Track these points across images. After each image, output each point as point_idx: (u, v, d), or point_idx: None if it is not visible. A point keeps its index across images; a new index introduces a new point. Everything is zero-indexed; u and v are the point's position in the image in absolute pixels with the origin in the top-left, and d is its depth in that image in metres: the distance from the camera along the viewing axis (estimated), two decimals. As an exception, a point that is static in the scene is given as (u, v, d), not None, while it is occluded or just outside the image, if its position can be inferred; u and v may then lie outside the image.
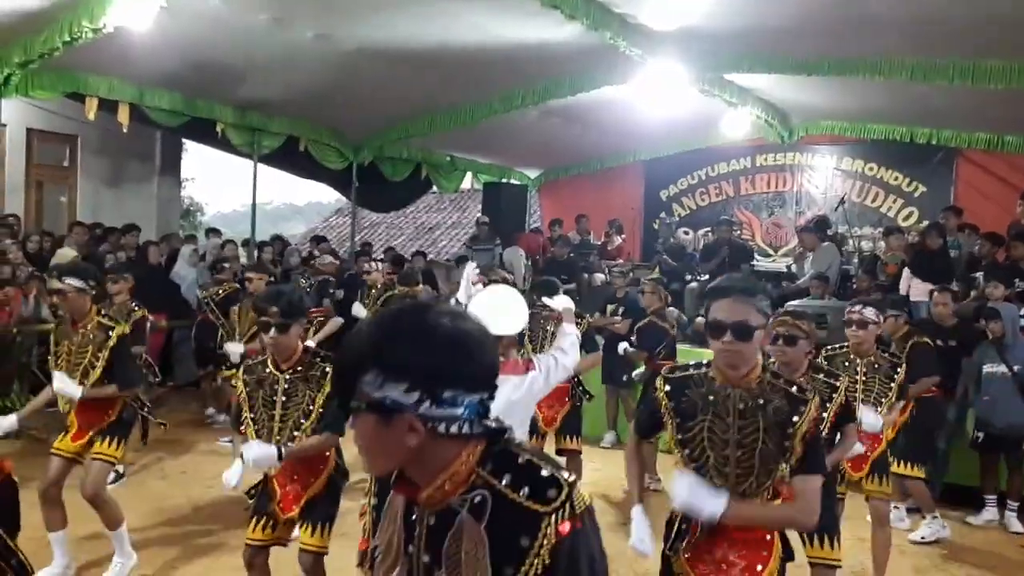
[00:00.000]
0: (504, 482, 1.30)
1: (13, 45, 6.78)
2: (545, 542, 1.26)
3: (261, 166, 10.14)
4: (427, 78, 8.21)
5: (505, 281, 7.09)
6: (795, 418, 2.33)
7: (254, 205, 10.28)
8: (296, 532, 3.49)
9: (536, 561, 1.26)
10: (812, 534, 3.40)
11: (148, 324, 5.95)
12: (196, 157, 17.17)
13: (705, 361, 2.49)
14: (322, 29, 7.07)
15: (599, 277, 9.81)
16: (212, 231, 10.75)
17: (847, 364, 4.32)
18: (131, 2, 5.79)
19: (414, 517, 1.37)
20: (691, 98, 8.36)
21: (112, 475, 5.85)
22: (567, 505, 1.28)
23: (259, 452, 3.24)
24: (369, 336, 1.31)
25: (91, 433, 4.19)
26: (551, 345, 5.16)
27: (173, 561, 4.53)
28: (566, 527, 1.27)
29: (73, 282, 4.09)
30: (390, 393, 1.25)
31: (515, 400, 3.02)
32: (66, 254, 7.95)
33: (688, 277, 9.35)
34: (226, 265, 7.61)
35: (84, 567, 4.31)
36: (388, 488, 1.42)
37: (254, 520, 3.41)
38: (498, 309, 2.95)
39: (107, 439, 4.20)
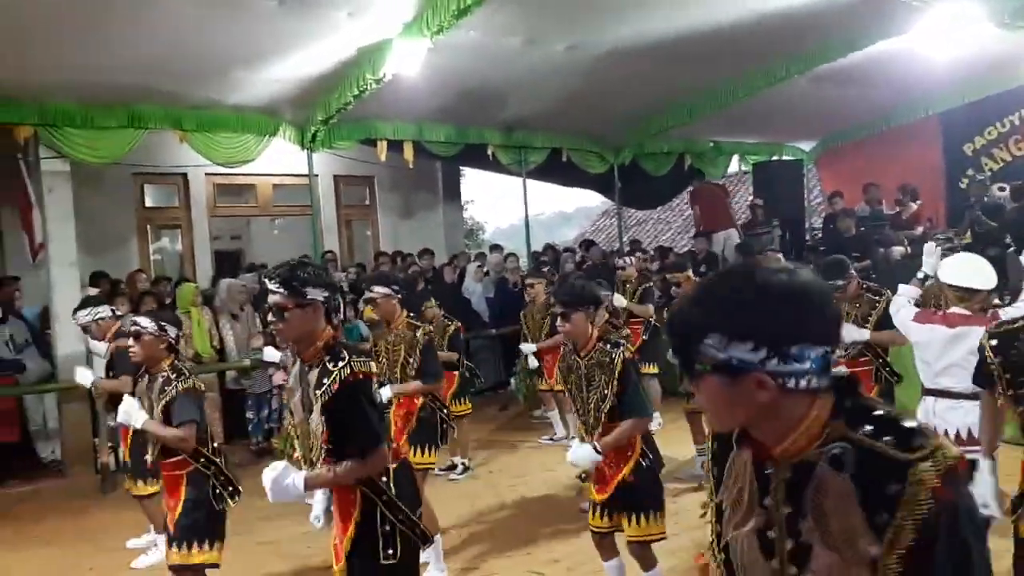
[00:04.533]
0: (863, 432, 1.25)
1: (315, 106, 7.85)
2: (918, 490, 1.18)
3: (530, 180, 10.63)
4: (680, 67, 8.02)
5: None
6: None
7: (527, 218, 10.79)
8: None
9: (909, 510, 1.19)
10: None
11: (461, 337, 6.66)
12: (472, 181, 18.46)
13: None
14: (572, 41, 7.24)
15: (897, 250, 8.84)
16: (494, 247, 11.47)
17: None
18: (404, 50, 6.40)
19: (766, 472, 1.35)
20: (987, 36, 7.25)
21: (460, 467, 6.65)
22: (936, 454, 1.20)
23: (579, 454, 3.44)
24: (706, 299, 1.31)
25: (404, 437, 4.64)
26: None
27: (487, 556, 4.82)
28: (939, 480, 1.18)
29: (380, 289, 4.73)
30: (735, 353, 1.25)
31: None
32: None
33: (1008, 240, 8.07)
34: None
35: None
36: (726, 448, 1.43)
37: (592, 508, 3.67)
38: (973, 268, 3.65)
39: (417, 449, 4.64)
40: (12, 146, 7.16)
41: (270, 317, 2.67)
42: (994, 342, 2.43)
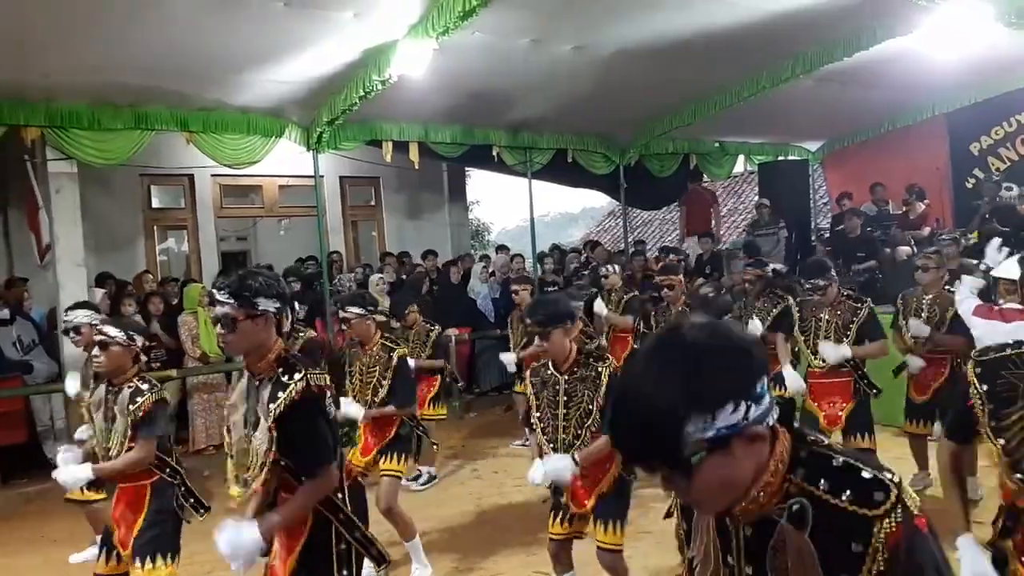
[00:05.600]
0: (822, 488, 1.23)
1: (321, 107, 7.87)
2: (881, 547, 1.18)
3: (535, 181, 10.63)
4: (686, 68, 8.02)
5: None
6: None
7: (532, 219, 10.80)
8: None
9: (873, 567, 1.18)
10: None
11: (450, 340, 6.51)
12: (478, 182, 18.48)
13: None
14: (578, 41, 7.24)
15: (903, 251, 8.81)
16: (500, 248, 11.48)
17: None
18: (409, 51, 6.41)
19: (729, 527, 1.34)
20: (994, 35, 7.22)
21: (424, 476, 6.54)
22: (898, 508, 1.19)
23: (555, 465, 3.35)
24: (669, 387, 1.18)
25: (375, 451, 4.61)
26: (823, 335, 4.78)
27: (491, 556, 4.83)
28: (901, 532, 1.18)
29: (354, 310, 4.62)
30: (722, 422, 1.17)
31: None
32: (374, 282, 8.97)
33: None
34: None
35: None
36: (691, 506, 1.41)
37: (552, 515, 3.60)
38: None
39: (391, 456, 4.59)
40: (19, 148, 7.18)
41: (219, 329, 2.51)
42: (978, 370, 2.23)
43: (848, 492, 1.21)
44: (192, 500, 3.54)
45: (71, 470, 3.45)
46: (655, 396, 1.18)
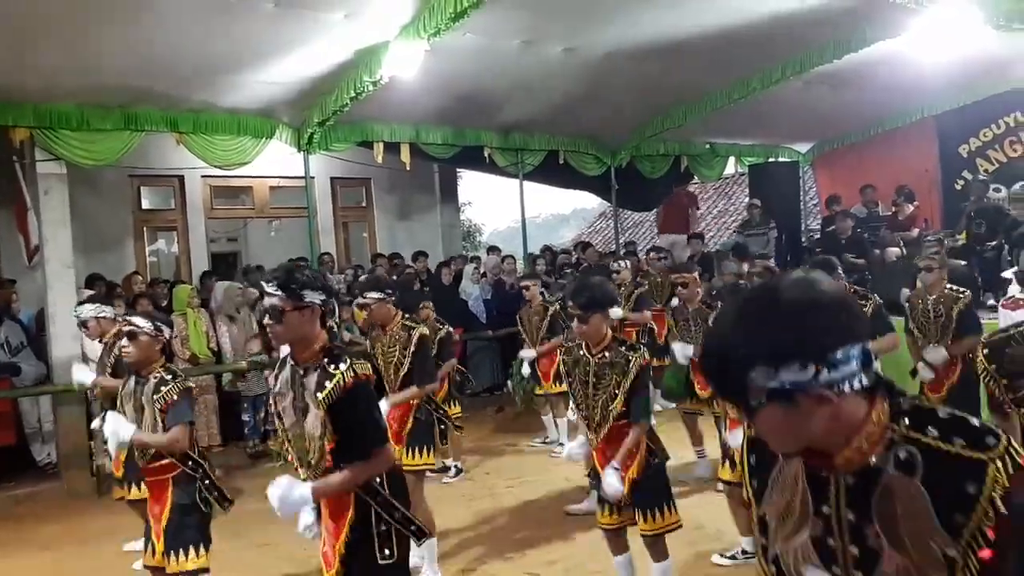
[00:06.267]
0: (931, 435, 1.24)
1: (312, 108, 7.85)
2: (997, 488, 1.17)
3: (527, 182, 10.64)
4: (677, 70, 8.05)
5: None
6: None
7: (523, 220, 10.80)
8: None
9: (988, 508, 1.17)
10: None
11: (453, 340, 6.62)
12: (470, 183, 18.46)
13: None
14: (570, 43, 7.25)
15: (892, 251, 8.87)
16: (492, 249, 11.47)
17: None
18: (401, 52, 6.41)
19: (822, 478, 1.33)
20: (982, 38, 7.28)
21: (453, 470, 6.63)
22: (1010, 453, 1.19)
23: (611, 486, 3.43)
24: (739, 332, 1.26)
25: (398, 442, 4.58)
26: None
27: (484, 557, 4.84)
28: (1015, 481, 1.17)
29: (373, 295, 4.67)
30: (786, 378, 1.21)
31: None
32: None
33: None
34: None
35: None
36: (766, 458, 1.40)
37: (600, 505, 3.71)
38: None
39: (414, 450, 4.59)
40: (8, 148, 7.13)
41: (266, 320, 2.65)
42: (986, 351, 2.44)
43: (959, 438, 1.22)
44: (216, 493, 3.59)
45: (117, 424, 3.50)
46: (728, 338, 1.28)
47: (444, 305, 9.53)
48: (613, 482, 3.43)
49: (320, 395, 2.55)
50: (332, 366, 2.56)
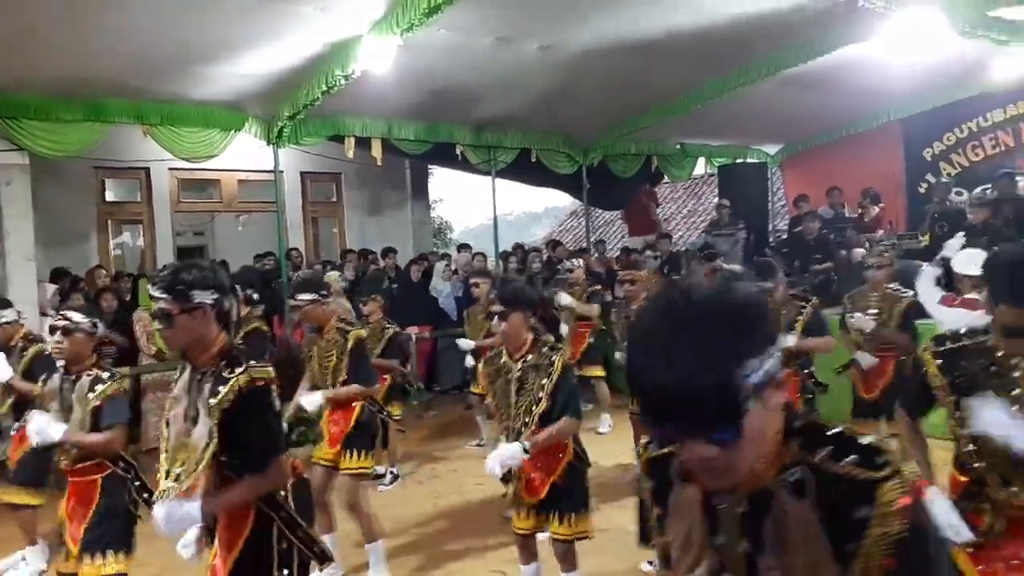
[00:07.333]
0: (821, 455, 1.19)
1: (283, 101, 7.76)
2: (887, 511, 1.14)
3: (499, 180, 10.62)
4: (650, 69, 8.08)
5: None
6: None
7: (495, 218, 10.79)
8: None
9: (880, 533, 1.14)
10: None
11: (410, 339, 6.38)
12: (441, 180, 18.39)
13: (982, 327, 2.21)
14: (545, 40, 7.24)
15: (859, 252, 9.01)
16: (462, 246, 11.45)
17: None
18: (373, 47, 6.35)
19: (716, 506, 1.27)
20: (948, 44, 7.42)
21: (389, 476, 6.44)
22: (901, 472, 1.16)
23: (507, 452, 3.34)
24: (728, 327, 1.13)
25: (339, 443, 4.48)
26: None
27: (451, 554, 4.82)
28: (906, 499, 1.14)
29: (304, 296, 4.52)
30: (768, 367, 1.14)
31: None
32: (331, 277, 8.85)
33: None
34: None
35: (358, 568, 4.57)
36: (666, 484, 1.32)
37: (516, 509, 3.61)
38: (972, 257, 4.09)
39: (352, 453, 4.46)
40: (-32, 138, 6.97)
41: (156, 324, 2.50)
42: (939, 362, 2.26)
43: (851, 457, 1.18)
44: (146, 495, 3.40)
45: (44, 423, 3.32)
46: (708, 345, 1.11)
47: (413, 302, 9.53)
48: (511, 451, 3.31)
49: (213, 401, 2.37)
50: (228, 371, 2.40)
